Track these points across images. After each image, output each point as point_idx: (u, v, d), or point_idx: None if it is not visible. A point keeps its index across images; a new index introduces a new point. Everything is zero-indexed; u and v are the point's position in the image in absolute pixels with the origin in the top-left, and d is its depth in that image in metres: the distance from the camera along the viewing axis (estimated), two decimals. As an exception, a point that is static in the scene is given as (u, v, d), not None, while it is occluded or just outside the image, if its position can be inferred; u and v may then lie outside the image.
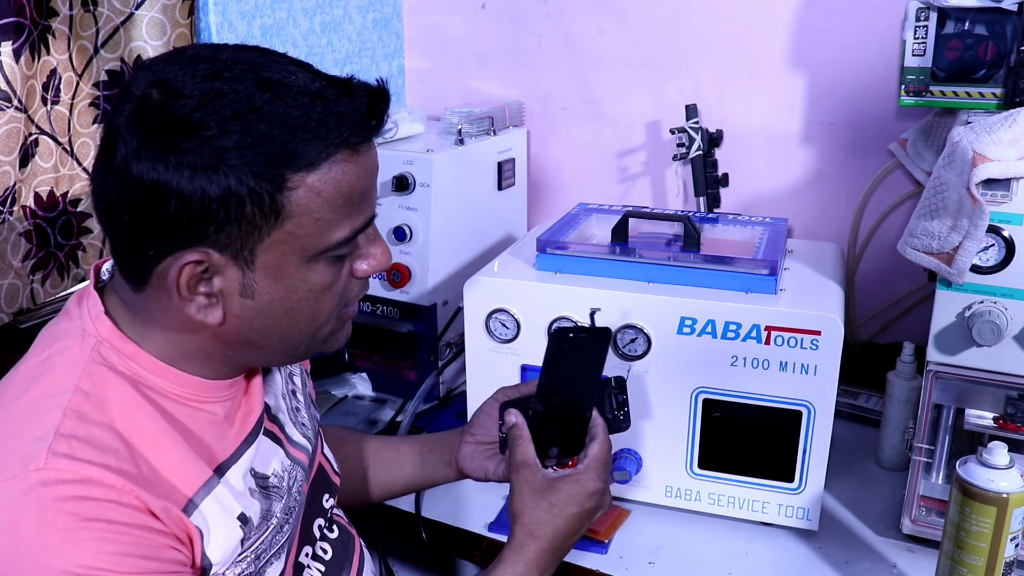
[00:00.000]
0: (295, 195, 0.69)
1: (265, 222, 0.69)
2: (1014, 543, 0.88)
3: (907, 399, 1.20)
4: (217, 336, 0.74)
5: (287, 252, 0.71)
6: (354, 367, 1.52)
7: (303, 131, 0.68)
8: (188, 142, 0.66)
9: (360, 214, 0.74)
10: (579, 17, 1.59)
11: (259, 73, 0.69)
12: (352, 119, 0.71)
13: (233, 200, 0.67)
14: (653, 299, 1.07)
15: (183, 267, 0.69)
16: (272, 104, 0.67)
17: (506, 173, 1.56)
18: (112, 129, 0.69)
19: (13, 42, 1.08)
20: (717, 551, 1.09)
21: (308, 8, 1.51)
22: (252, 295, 0.72)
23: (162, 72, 0.68)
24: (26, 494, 0.64)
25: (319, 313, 0.76)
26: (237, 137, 0.66)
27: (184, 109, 0.66)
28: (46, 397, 0.69)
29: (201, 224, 0.68)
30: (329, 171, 0.70)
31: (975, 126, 0.93)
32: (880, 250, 1.45)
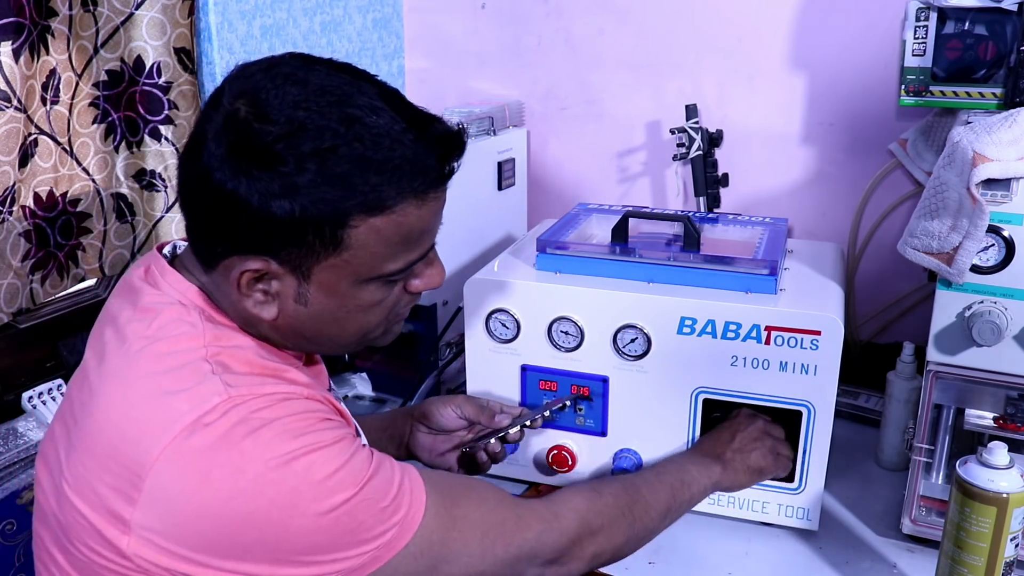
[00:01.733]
0: (356, 232, 0.73)
1: (324, 249, 0.73)
2: (1014, 543, 0.88)
3: (907, 399, 1.20)
4: (274, 327, 0.79)
5: (341, 275, 0.75)
6: (354, 367, 1.52)
7: (376, 176, 0.71)
8: (264, 172, 0.69)
9: (417, 249, 0.78)
10: (579, 17, 1.59)
11: (344, 108, 0.71)
12: (424, 169, 0.74)
13: (297, 227, 0.71)
14: (653, 299, 1.07)
15: (245, 270, 0.74)
16: (350, 145, 0.70)
17: (506, 173, 1.55)
18: (201, 132, 0.73)
19: (13, 42, 1.08)
20: (717, 551, 1.09)
21: (308, 8, 1.51)
22: (305, 303, 0.76)
23: (253, 85, 0.71)
24: (225, 420, 0.68)
25: (368, 324, 0.81)
26: (310, 176, 0.69)
27: (267, 137, 0.69)
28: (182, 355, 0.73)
29: (265, 239, 0.72)
30: (392, 215, 0.73)
31: (975, 126, 0.93)
32: (880, 250, 1.45)
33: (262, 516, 0.67)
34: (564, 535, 0.86)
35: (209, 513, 0.67)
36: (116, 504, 0.68)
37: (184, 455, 0.67)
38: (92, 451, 0.71)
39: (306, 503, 0.68)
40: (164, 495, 0.67)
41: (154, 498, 0.67)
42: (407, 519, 0.74)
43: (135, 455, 0.68)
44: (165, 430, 0.68)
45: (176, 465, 0.67)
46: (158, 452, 0.67)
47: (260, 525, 0.67)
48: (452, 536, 0.77)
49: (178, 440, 0.67)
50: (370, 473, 0.72)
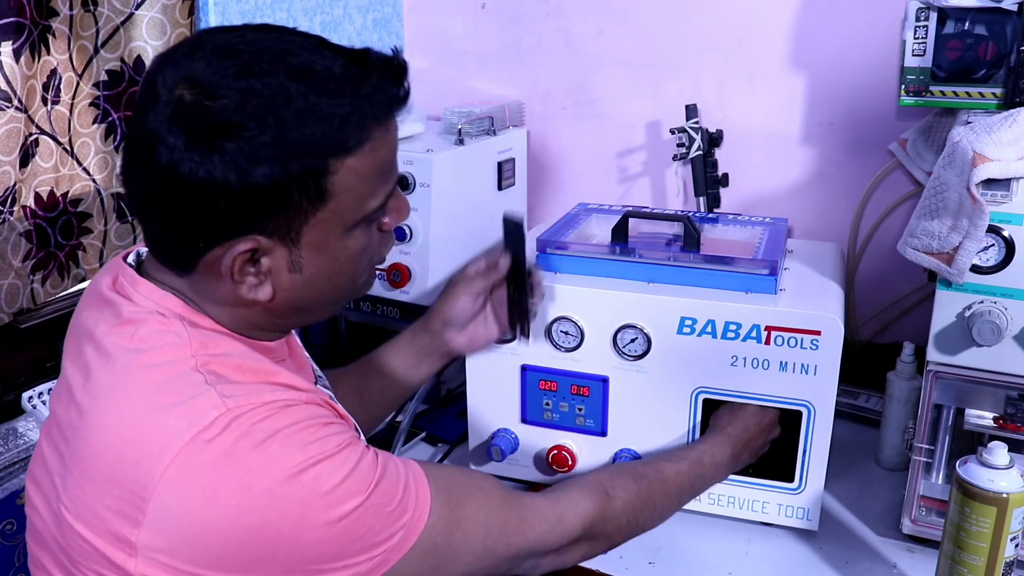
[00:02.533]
0: (337, 177, 0.72)
1: (311, 206, 0.72)
2: (1014, 543, 0.88)
3: (907, 399, 1.20)
4: (268, 310, 0.77)
5: (330, 228, 0.74)
6: (354, 367, 1.51)
7: (339, 119, 0.71)
8: (231, 142, 0.68)
9: (390, 180, 0.78)
10: (579, 17, 1.59)
11: (286, 61, 0.70)
12: (381, 99, 0.74)
13: (280, 191, 0.70)
14: (653, 299, 1.07)
15: (235, 256, 0.72)
16: (305, 97, 0.69)
17: (506, 173, 1.55)
18: (147, 131, 0.69)
19: (13, 42, 1.08)
20: (717, 551, 1.09)
21: (308, 8, 1.51)
22: (300, 269, 0.75)
23: (188, 70, 0.69)
24: (226, 434, 0.67)
25: (358, 273, 0.81)
26: (276, 132, 0.68)
27: (222, 112, 0.68)
28: (171, 366, 0.71)
29: (250, 215, 0.70)
30: (366, 150, 0.73)
31: (975, 126, 0.93)
32: (880, 250, 1.45)
33: (272, 531, 0.67)
34: (566, 537, 0.86)
35: (217, 530, 0.66)
36: (120, 527, 0.67)
37: (187, 473, 0.66)
38: (90, 475, 0.70)
39: (316, 514, 0.67)
40: (170, 515, 0.66)
41: (159, 518, 0.66)
42: (413, 520, 0.74)
43: (136, 476, 0.67)
44: (165, 449, 0.67)
45: (180, 484, 0.66)
46: (160, 472, 0.66)
47: (270, 539, 0.67)
48: (456, 536, 0.77)
49: (180, 458, 0.66)
50: (377, 477, 0.72)
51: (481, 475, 0.86)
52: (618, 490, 0.92)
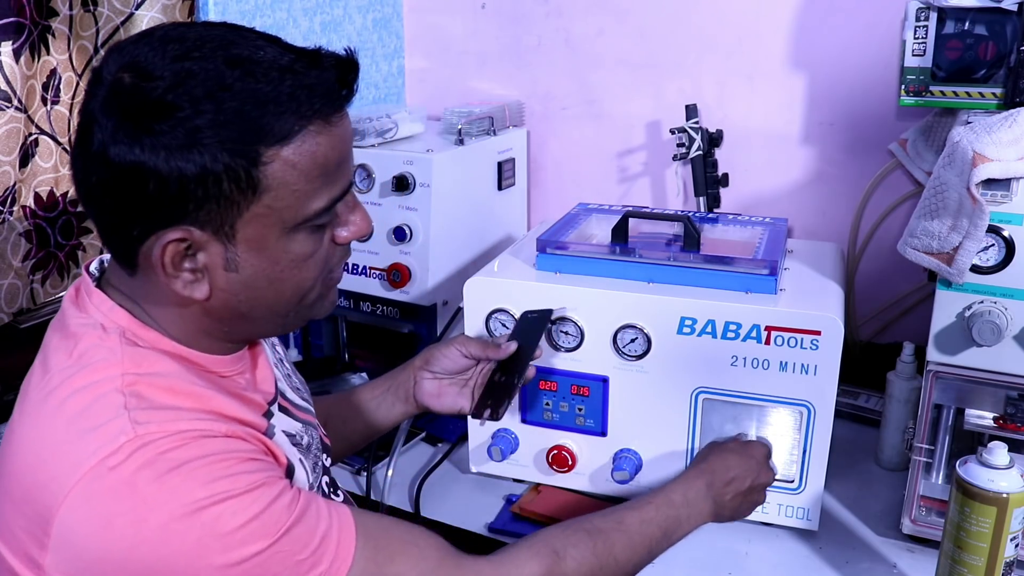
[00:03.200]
0: (270, 169, 0.70)
1: (243, 197, 0.70)
2: (1014, 543, 0.88)
3: (907, 399, 1.20)
4: (207, 312, 0.75)
5: (267, 225, 0.72)
6: (354, 367, 1.52)
7: (274, 105, 0.69)
8: (162, 123, 0.66)
9: (337, 183, 0.75)
10: (579, 17, 1.59)
11: (228, 51, 0.69)
12: (322, 90, 0.71)
13: (210, 178, 0.68)
14: (653, 299, 1.07)
15: (166, 245, 0.70)
16: (242, 81, 0.68)
17: (506, 173, 1.55)
18: (87, 114, 0.69)
19: (13, 42, 1.08)
20: (717, 551, 1.09)
21: (308, 8, 1.51)
22: (236, 268, 0.73)
23: (132, 55, 0.69)
24: (130, 462, 0.65)
25: (303, 281, 0.77)
26: (210, 116, 0.67)
27: (156, 91, 0.67)
28: (96, 387, 0.70)
29: (180, 203, 0.68)
30: (303, 143, 0.71)
31: (975, 126, 0.93)
32: (880, 250, 1.45)
33: (165, 566, 0.64)
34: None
35: (114, 560, 0.65)
36: (31, 548, 0.67)
37: (88, 500, 0.65)
38: (10, 494, 0.69)
39: (213, 555, 0.65)
40: (71, 539, 0.65)
41: (62, 543, 0.65)
42: (330, 572, 0.70)
43: (44, 499, 0.66)
44: (71, 473, 0.65)
45: (80, 510, 0.65)
46: (63, 495, 0.65)
47: (164, 574, 0.65)
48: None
49: (83, 483, 0.65)
50: (290, 523, 0.68)
51: (422, 531, 0.80)
52: (569, 548, 0.85)
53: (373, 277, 1.42)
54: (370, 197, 1.39)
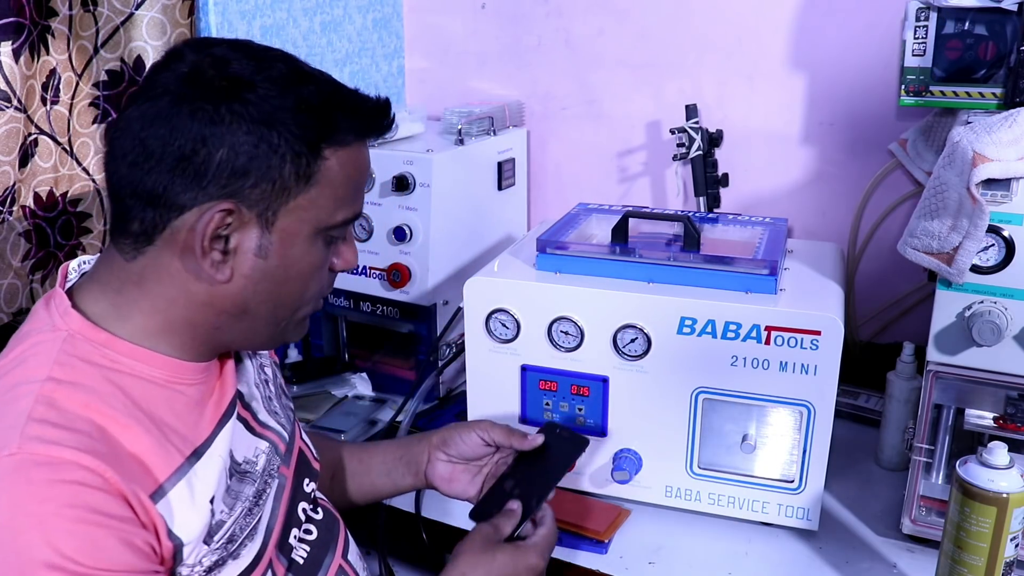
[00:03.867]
0: (326, 165, 0.75)
1: (296, 184, 0.74)
2: (1014, 543, 0.88)
3: (907, 399, 1.20)
4: (213, 301, 0.76)
5: (303, 220, 0.76)
6: (354, 367, 1.52)
7: (340, 110, 0.76)
8: (249, 94, 0.71)
9: (358, 203, 0.81)
10: (579, 17, 1.59)
11: (294, 62, 0.76)
12: (374, 114, 0.79)
13: (277, 157, 0.72)
14: (653, 299, 1.07)
15: (214, 216, 0.72)
16: (314, 82, 0.75)
17: (506, 173, 1.56)
18: (156, 84, 0.72)
19: (13, 42, 1.08)
20: (717, 551, 1.09)
21: (308, 8, 1.51)
22: (265, 256, 0.76)
23: (209, 50, 0.73)
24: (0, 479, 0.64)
25: (306, 292, 0.81)
26: (291, 101, 0.72)
27: (242, 70, 0.72)
28: (18, 386, 0.70)
29: (241, 177, 0.72)
30: (353, 153, 0.77)
31: (975, 126, 0.93)
32: (880, 250, 1.45)
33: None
34: None
35: None
36: None
37: None
38: None
39: None
40: None
41: None
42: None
43: None
44: None
45: None
46: None
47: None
48: None
49: None
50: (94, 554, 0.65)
51: None
52: None
53: (373, 277, 1.42)
54: (370, 197, 1.39)
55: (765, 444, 1.10)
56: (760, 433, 1.10)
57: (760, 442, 1.10)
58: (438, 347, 1.40)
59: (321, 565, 0.91)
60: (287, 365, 1.49)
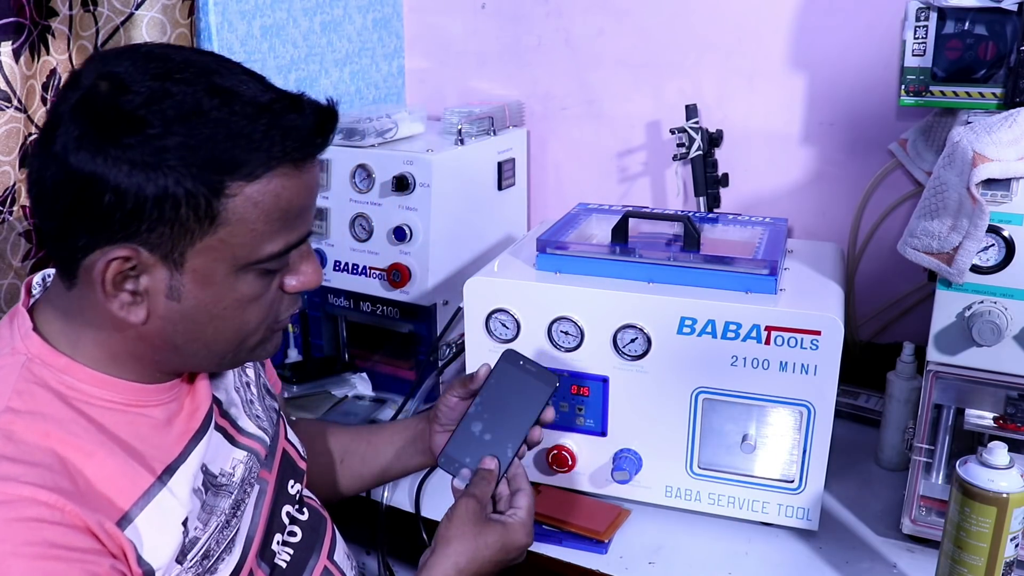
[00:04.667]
0: (232, 203, 0.69)
1: (199, 226, 0.69)
2: (1014, 543, 0.88)
3: (907, 399, 1.20)
4: (142, 337, 0.74)
5: (217, 259, 0.71)
6: (354, 367, 1.52)
7: (247, 140, 0.68)
8: (130, 137, 0.65)
9: (295, 230, 0.74)
10: (579, 17, 1.59)
11: (210, 78, 0.69)
12: (298, 135, 0.71)
13: (169, 200, 0.67)
14: (653, 299, 1.07)
15: (110, 262, 0.68)
16: (219, 110, 0.67)
17: (506, 173, 1.56)
18: (55, 115, 0.68)
19: (13, 42, 1.08)
20: (717, 551, 1.09)
21: (308, 8, 1.51)
22: (178, 298, 0.72)
23: (113, 65, 0.68)
24: None
25: (245, 324, 0.76)
26: (180, 139, 0.66)
27: (131, 104, 0.66)
28: None
29: (133, 220, 0.67)
30: (269, 183, 0.70)
31: (975, 126, 0.93)
32: (880, 250, 1.45)
33: None
34: None
35: None
36: None
37: None
38: None
39: None
40: None
41: None
42: None
43: None
44: None
45: None
46: None
47: None
48: None
49: None
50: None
51: None
52: None
53: (373, 277, 1.42)
54: (370, 197, 1.39)
55: (765, 444, 1.10)
56: (760, 433, 1.10)
57: (760, 442, 1.10)
58: (438, 347, 1.40)
59: (305, 567, 0.90)
60: (287, 365, 1.49)
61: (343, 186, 1.41)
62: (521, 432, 0.92)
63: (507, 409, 0.94)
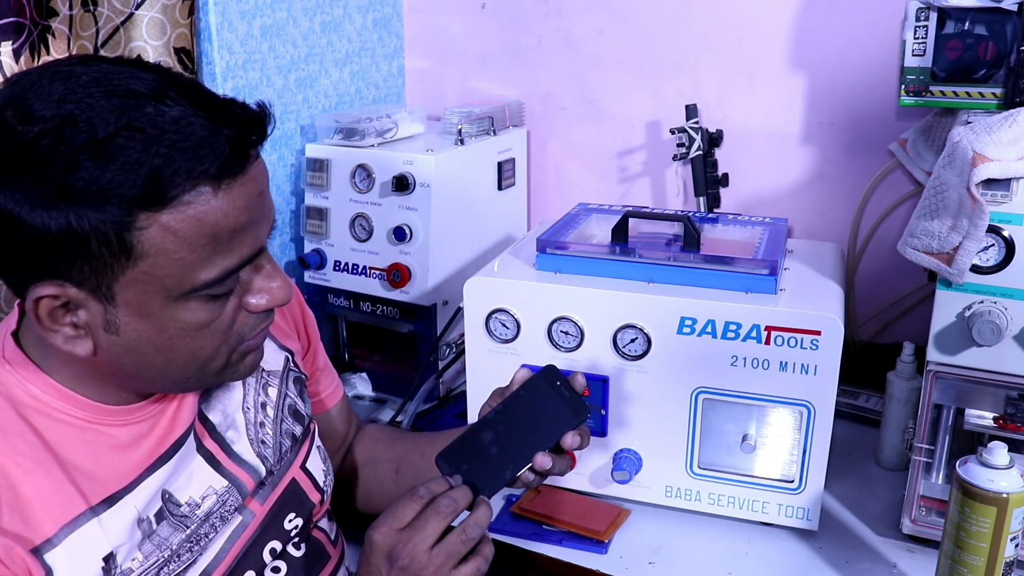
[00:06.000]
0: (146, 235, 0.64)
1: (116, 261, 0.65)
2: (1014, 543, 0.88)
3: (907, 399, 1.20)
4: (95, 366, 0.71)
5: (148, 291, 0.67)
6: (354, 367, 1.52)
7: (156, 162, 0.63)
8: (29, 175, 0.62)
9: (232, 253, 0.69)
10: (579, 17, 1.59)
11: (118, 98, 0.64)
12: (214, 150, 0.65)
13: (76, 237, 0.63)
14: (653, 299, 1.07)
15: (38, 300, 0.66)
16: (125, 134, 0.63)
17: (506, 173, 1.56)
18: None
19: (13, 42, 1.08)
20: (717, 551, 1.09)
21: (308, 8, 1.51)
22: (117, 331, 0.68)
23: (22, 88, 0.65)
24: None
25: (200, 350, 0.72)
26: (82, 172, 0.62)
27: (28, 136, 0.62)
28: None
29: (48, 258, 0.64)
30: (186, 209, 0.65)
31: (975, 126, 0.93)
32: (880, 250, 1.45)
33: None
34: None
35: None
36: None
37: None
38: None
39: None
40: None
41: None
42: None
43: None
44: None
45: None
46: None
47: None
48: None
49: None
50: None
51: None
52: None
53: (373, 277, 1.42)
54: (370, 197, 1.39)
55: (765, 444, 1.10)
56: (760, 433, 1.10)
57: (760, 442, 1.10)
58: (438, 347, 1.40)
59: None
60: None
61: (343, 186, 1.41)
62: (526, 457, 0.84)
63: (523, 428, 0.85)
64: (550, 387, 0.86)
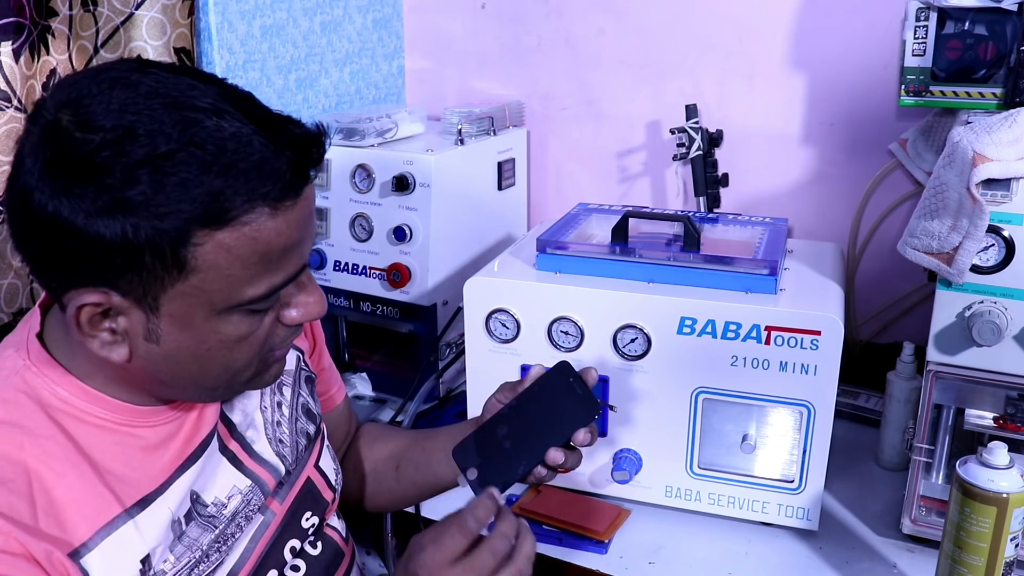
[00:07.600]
0: (201, 251, 0.65)
1: (168, 274, 0.65)
2: (1014, 543, 0.88)
3: (907, 399, 1.20)
4: (128, 371, 0.72)
5: (194, 304, 0.67)
6: (354, 367, 1.52)
7: (217, 182, 0.63)
8: (90, 185, 0.62)
9: (280, 271, 0.69)
10: (579, 17, 1.59)
11: (180, 111, 0.63)
12: (274, 172, 0.65)
13: (131, 249, 0.63)
14: (653, 299, 1.07)
15: (82, 307, 0.66)
16: (186, 150, 0.62)
17: (506, 173, 1.56)
18: (20, 149, 0.65)
19: (13, 42, 1.08)
20: (717, 551, 1.09)
21: (308, 8, 1.51)
22: (157, 340, 0.69)
23: (79, 92, 0.64)
24: None
25: (234, 361, 0.73)
26: (142, 187, 0.62)
27: (88, 146, 0.62)
28: None
29: (99, 266, 0.64)
30: (242, 228, 0.65)
31: (975, 126, 0.93)
32: (880, 250, 1.45)
33: None
34: None
35: None
36: None
37: None
38: None
39: None
40: None
41: None
42: None
43: None
44: None
45: None
46: None
47: None
48: None
49: None
50: None
51: None
52: None
53: (373, 277, 1.42)
54: (370, 197, 1.39)
55: (765, 444, 1.10)
56: (760, 433, 1.10)
57: (760, 442, 1.10)
58: (438, 347, 1.40)
59: None
60: (287, 365, 1.49)
61: (343, 186, 1.41)
62: (540, 452, 0.84)
63: (536, 423, 0.85)
64: (564, 383, 0.86)
